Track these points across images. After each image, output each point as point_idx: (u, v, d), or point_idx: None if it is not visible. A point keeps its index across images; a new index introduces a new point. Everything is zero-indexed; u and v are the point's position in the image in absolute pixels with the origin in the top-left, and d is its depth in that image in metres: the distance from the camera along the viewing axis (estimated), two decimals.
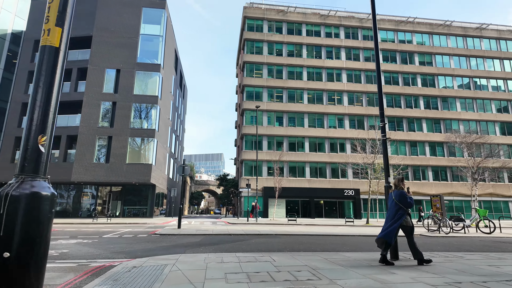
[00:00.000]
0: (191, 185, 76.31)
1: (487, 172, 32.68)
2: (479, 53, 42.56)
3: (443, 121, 39.96)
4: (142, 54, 30.39)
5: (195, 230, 12.27)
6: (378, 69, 7.29)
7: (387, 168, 6.69)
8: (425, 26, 42.66)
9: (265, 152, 35.73)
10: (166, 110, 33.49)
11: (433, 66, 41.60)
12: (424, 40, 42.68)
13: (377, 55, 7.35)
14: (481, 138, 34.67)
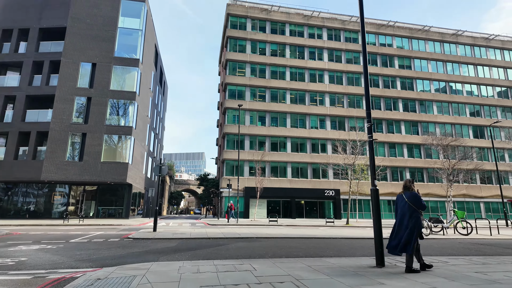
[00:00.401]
0: (171, 184, 74.69)
1: (462, 173, 33.74)
2: (455, 58, 44.03)
3: (420, 123, 41.00)
4: (120, 48, 29.16)
5: (171, 234, 11.65)
6: (366, 69, 7.04)
7: (374, 171, 6.43)
8: (404, 30, 43.64)
9: (247, 151, 35.31)
10: (144, 107, 32.36)
11: (412, 70, 42.62)
12: (403, 44, 43.65)
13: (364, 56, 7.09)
14: (456, 140, 35.82)
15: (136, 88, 28.35)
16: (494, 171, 39.96)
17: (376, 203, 6.21)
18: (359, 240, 11.18)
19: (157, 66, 39.85)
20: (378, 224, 6.10)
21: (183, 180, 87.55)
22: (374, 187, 6.28)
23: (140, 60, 29.25)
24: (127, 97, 27.82)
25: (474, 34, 45.73)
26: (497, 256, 7.79)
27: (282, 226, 20.35)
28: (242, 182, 33.73)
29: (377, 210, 6.18)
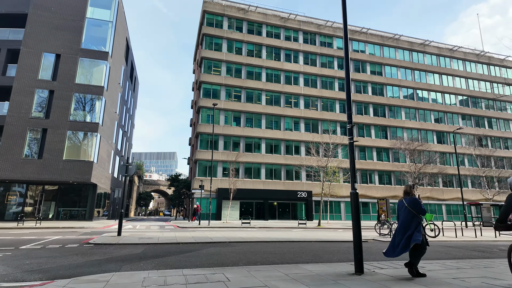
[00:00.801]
0: (139, 185, 72.00)
1: (427, 177, 35.27)
2: (422, 67, 46.16)
3: (389, 128, 42.48)
4: (88, 39, 27.48)
5: (137, 238, 10.86)
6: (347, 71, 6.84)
7: (354, 173, 6.21)
8: (376, 37, 45.09)
9: (221, 152, 34.65)
10: (113, 103, 30.75)
11: (382, 76, 44.10)
12: (375, 51, 45.07)
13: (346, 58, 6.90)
14: (422, 145, 37.43)
15: (104, 83, 26.83)
16: (455, 175, 42.27)
17: (355, 206, 5.99)
18: (334, 244, 11.06)
19: (128, 60, 38.15)
20: (357, 229, 5.88)
21: (152, 180, 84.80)
22: (354, 190, 6.06)
23: (109, 54, 27.75)
24: (94, 92, 26.24)
25: (440, 45, 48.26)
26: (468, 259, 7.90)
27: (255, 229, 20.00)
28: (215, 183, 33.03)
29: (356, 214, 5.97)
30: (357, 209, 5.97)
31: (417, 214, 5.36)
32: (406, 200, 5.51)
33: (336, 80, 41.77)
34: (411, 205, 5.40)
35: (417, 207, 5.36)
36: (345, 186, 37.35)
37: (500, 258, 8.18)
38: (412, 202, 5.42)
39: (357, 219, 5.94)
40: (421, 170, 34.16)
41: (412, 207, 5.38)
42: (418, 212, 5.35)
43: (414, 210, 5.36)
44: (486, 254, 9.15)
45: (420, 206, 5.37)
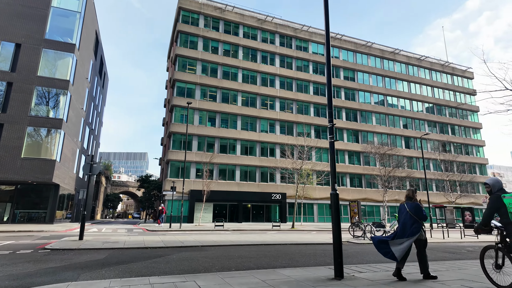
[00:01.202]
0: (107, 186, 68.77)
1: (396, 180, 36.48)
2: (392, 74, 47.98)
3: (360, 132, 43.64)
4: (53, 30, 25.70)
5: (101, 243, 10.03)
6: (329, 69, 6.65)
7: (334, 174, 5.99)
8: (350, 44, 46.27)
9: (194, 152, 33.77)
10: (79, 98, 28.99)
11: (355, 82, 45.29)
12: (348, 57, 46.23)
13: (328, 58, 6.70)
14: (391, 150, 38.75)
15: (70, 76, 25.19)
16: (422, 179, 44.20)
17: (336, 208, 5.77)
18: (309, 246, 10.87)
19: (97, 55, 36.27)
20: (337, 231, 5.65)
21: (121, 181, 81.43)
22: (335, 191, 5.83)
23: (76, 46, 26.13)
24: (58, 86, 24.53)
25: (409, 54, 50.46)
26: (441, 261, 7.97)
27: (229, 232, 19.50)
28: (187, 185, 32.09)
29: (337, 216, 5.74)
30: (337, 211, 5.75)
31: (418, 220, 5.35)
32: (408, 205, 5.51)
33: (311, 84, 42.29)
34: (412, 211, 5.40)
35: (419, 213, 5.37)
36: (318, 189, 37.78)
37: (470, 259, 8.34)
38: (414, 208, 5.42)
39: (337, 221, 5.72)
40: (391, 174, 35.32)
41: (414, 212, 5.37)
42: (420, 218, 5.35)
43: (415, 215, 5.36)
44: (457, 255, 9.34)
45: (422, 212, 5.37)
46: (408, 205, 5.50)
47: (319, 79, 42.63)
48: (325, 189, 38.55)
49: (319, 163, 38.04)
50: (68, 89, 24.80)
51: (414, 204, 5.44)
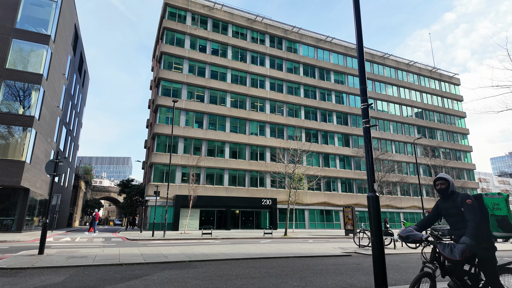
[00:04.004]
0: (87, 191, 65.30)
1: (391, 185, 35.64)
2: (382, 78, 47.67)
3: (351, 136, 42.83)
4: (24, 19, 23.49)
5: (65, 258, 8.17)
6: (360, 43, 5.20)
7: (372, 171, 4.51)
8: (340, 47, 45.70)
9: (180, 155, 31.84)
10: (55, 95, 26.69)
11: (345, 85, 44.63)
12: (339, 60, 45.60)
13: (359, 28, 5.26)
14: (383, 154, 38.01)
15: (43, 70, 23.00)
16: (412, 184, 43.71)
17: (376, 215, 4.28)
18: (316, 260, 9.35)
19: (76, 50, 33.98)
20: (379, 248, 4.16)
21: (103, 186, 77.80)
22: (373, 193, 4.36)
23: (51, 38, 23.98)
24: (30, 80, 22.29)
25: (398, 59, 50.42)
26: None
27: (218, 240, 17.77)
28: (172, 190, 30.10)
29: (378, 225, 4.26)
30: (378, 219, 4.27)
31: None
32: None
33: (301, 86, 41.27)
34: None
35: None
36: (310, 194, 36.50)
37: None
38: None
39: (378, 232, 4.22)
40: (383, 179, 34.48)
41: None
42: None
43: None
44: None
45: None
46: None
47: (310, 82, 41.68)
48: (316, 194, 37.32)
49: (311, 167, 36.82)
50: (41, 84, 22.59)
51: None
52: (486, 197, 3.57)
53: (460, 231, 3.50)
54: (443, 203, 3.73)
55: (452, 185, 3.71)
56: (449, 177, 3.74)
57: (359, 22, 5.25)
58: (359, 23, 5.24)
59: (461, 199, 3.51)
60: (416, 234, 3.47)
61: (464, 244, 3.15)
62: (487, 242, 3.39)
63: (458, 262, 3.18)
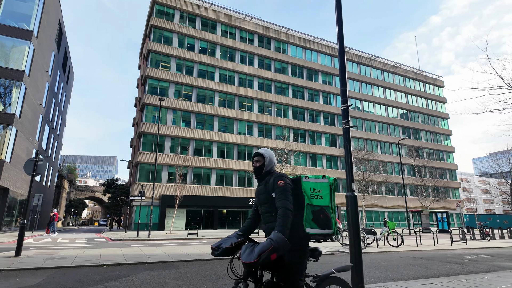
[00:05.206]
0: (71, 191, 63.86)
1: (376, 185, 36.25)
2: (369, 80, 48.40)
3: (338, 137, 43.33)
4: (6, 14, 22.80)
5: (43, 260, 7.98)
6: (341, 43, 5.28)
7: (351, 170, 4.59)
8: (328, 48, 46.16)
9: (167, 155, 31.53)
10: (37, 93, 26.01)
11: (333, 86, 45.11)
12: (327, 61, 46.04)
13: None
14: (368, 154, 38.64)
15: (25, 67, 22.37)
16: (397, 183, 44.58)
17: (354, 215, 4.36)
18: None
19: (60, 47, 33.18)
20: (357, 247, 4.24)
21: (87, 186, 76.23)
22: (352, 192, 4.43)
23: (34, 33, 23.35)
24: (10, 76, 21.64)
25: (384, 60, 51.29)
26: (455, 275, 6.86)
27: (204, 240, 17.71)
28: (158, 189, 29.77)
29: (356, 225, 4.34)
30: (356, 217, 4.35)
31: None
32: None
33: (290, 86, 41.48)
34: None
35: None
36: None
37: (484, 272, 7.30)
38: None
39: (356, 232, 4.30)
40: (368, 179, 35.06)
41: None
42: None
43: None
44: (465, 266, 8.31)
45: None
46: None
47: (298, 82, 41.95)
48: None
49: (298, 167, 37.07)
50: (23, 81, 21.97)
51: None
52: (306, 180, 2.68)
53: (270, 225, 2.58)
54: (258, 187, 2.82)
55: (270, 163, 2.78)
56: (267, 152, 2.83)
57: (340, 25, 5.32)
58: (340, 25, 5.32)
59: (273, 180, 2.62)
60: (228, 241, 2.51)
61: (268, 241, 2.23)
62: (296, 242, 2.51)
63: (251, 265, 2.17)
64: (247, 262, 2.17)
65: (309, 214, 2.55)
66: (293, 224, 2.45)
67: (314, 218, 2.54)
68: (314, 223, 2.53)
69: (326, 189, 2.60)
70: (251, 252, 2.25)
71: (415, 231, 15.96)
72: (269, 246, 2.19)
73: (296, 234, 2.51)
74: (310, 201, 2.58)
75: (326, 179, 2.63)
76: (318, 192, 2.59)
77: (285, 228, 2.33)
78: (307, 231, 2.53)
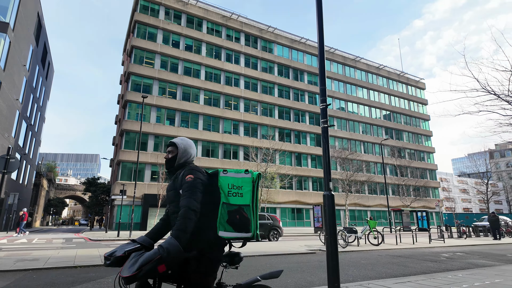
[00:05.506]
0: (50, 189, 61.89)
1: (358, 184, 36.81)
2: (353, 81, 49.11)
3: None
4: None
5: (13, 261, 7.64)
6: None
7: (329, 170, 4.58)
8: (314, 48, 46.52)
9: (150, 153, 31.00)
10: (13, 88, 25.01)
11: (318, 86, 45.36)
12: (312, 61, 46.40)
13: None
14: (352, 154, 39.21)
15: (0, 60, 21.43)
16: (379, 183, 45.45)
17: (331, 214, 4.35)
18: (280, 258, 9.46)
19: (39, 40, 32.03)
20: (333, 246, 4.23)
21: (68, 185, 74.10)
22: (329, 191, 4.43)
23: (10, 26, 22.43)
24: None
25: (369, 62, 52.16)
26: (431, 273, 7.01)
27: None
28: (141, 188, 29.23)
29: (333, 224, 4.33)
30: (333, 216, 4.34)
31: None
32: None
33: (276, 86, 41.57)
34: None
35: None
36: (282, 192, 36.88)
37: (459, 270, 7.50)
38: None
39: (333, 232, 4.30)
40: (351, 178, 35.57)
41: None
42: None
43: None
44: (441, 264, 8.52)
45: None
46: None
47: (284, 82, 42.10)
48: (288, 193, 37.79)
49: (283, 166, 37.22)
50: None
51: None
52: (224, 175, 2.25)
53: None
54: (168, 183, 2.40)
55: (185, 154, 2.35)
56: (183, 141, 2.39)
57: (321, 24, 5.31)
58: (321, 25, 5.30)
59: (182, 175, 2.21)
60: (122, 249, 2.00)
61: (157, 249, 1.84)
62: (204, 248, 2.10)
63: (130, 280, 1.73)
64: (124, 276, 1.74)
65: (224, 214, 2.14)
66: (202, 226, 2.11)
67: (229, 219, 2.13)
68: (229, 225, 2.12)
69: (248, 186, 2.19)
70: (134, 263, 1.81)
71: (396, 229, 16.27)
72: (156, 256, 1.79)
73: (205, 238, 2.12)
74: (226, 199, 2.17)
75: (248, 174, 2.24)
76: (238, 189, 2.19)
77: (182, 232, 1.92)
78: (220, 234, 2.12)
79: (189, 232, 1.96)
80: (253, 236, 2.13)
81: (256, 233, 2.14)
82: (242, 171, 2.25)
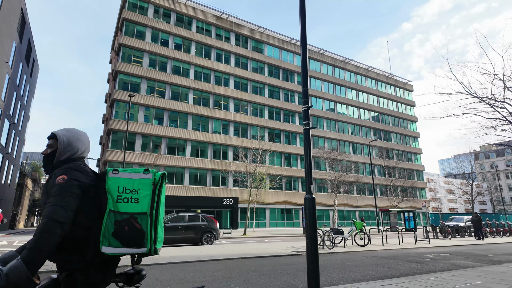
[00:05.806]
0: (35, 189, 60.42)
1: (347, 184, 37.06)
2: (342, 82, 49.51)
3: (312, 137, 43.96)
4: None
5: None
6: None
7: (310, 172, 4.52)
8: None
9: (137, 153, 30.54)
10: None
11: (308, 88, 45.64)
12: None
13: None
14: (341, 155, 39.48)
15: None
16: (368, 184, 45.92)
17: (312, 215, 4.29)
18: (266, 260, 9.38)
19: (23, 37, 31.19)
20: (313, 248, 4.17)
21: None
22: (310, 194, 4.37)
23: None
24: None
25: (358, 64, 52.67)
26: (414, 275, 7.04)
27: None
28: None
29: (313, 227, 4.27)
30: (313, 218, 4.29)
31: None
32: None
33: (266, 86, 41.56)
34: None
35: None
36: (271, 193, 36.87)
37: (442, 271, 7.57)
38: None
39: (313, 234, 4.24)
40: (340, 179, 35.81)
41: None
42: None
43: None
44: (425, 265, 8.59)
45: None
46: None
47: (274, 82, 42.12)
48: (278, 193, 37.81)
49: (273, 166, 37.22)
50: None
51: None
52: (115, 175, 1.74)
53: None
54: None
55: (68, 149, 1.80)
56: (69, 132, 1.87)
57: (304, 25, 5.25)
58: (304, 26, 5.25)
59: (54, 176, 1.68)
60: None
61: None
62: (78, 269, 1.59)
63: None
64: None
65: (110, 225, 1.64)
66: (79, 241, 1.61)
67: (115, 232, 1.63)
68: (115, 239, 1.62)
69: (147, 189, 1.72)
70: None
71: (383, 230, 16.41)
72: None
73: (79, 257, 1.60)
74: (115, 206, 1.67)
75: (149, 174, 1.76)
76: (133, 193, 1.71)
77: (36, 252, 1.40)
78: (103, 250, 1.61)
79: (47, 252, 1.44)
80: (149, 251, 1.66)
81: (154, 247, 1.67)
82: (141, 171, 1.77)
